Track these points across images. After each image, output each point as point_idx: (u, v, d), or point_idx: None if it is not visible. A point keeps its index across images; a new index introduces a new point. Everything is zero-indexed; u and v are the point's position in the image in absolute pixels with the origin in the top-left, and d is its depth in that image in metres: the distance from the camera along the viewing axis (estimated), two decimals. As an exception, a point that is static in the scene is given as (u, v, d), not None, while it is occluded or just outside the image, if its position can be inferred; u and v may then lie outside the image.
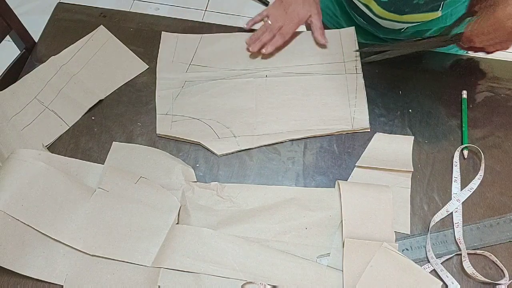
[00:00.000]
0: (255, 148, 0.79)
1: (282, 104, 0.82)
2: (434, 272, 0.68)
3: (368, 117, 0.81)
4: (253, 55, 0.88)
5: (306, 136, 0.80)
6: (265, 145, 0.79)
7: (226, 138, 0.80)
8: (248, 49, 0.87)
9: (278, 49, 0.88)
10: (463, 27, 0.76)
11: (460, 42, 0.78)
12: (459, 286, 0.67)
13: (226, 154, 0.79)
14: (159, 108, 0.83)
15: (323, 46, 0.88)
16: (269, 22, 0.87)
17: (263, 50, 0.86)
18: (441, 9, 0.79)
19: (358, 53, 0.86)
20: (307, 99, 0.83)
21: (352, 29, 0.90)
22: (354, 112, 0.81)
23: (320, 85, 0.84)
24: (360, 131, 0.80)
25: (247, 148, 0.79)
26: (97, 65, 0.87)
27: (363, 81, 0.84)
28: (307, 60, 0.87)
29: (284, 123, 0.81)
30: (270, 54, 0.88)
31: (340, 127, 0.80)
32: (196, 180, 0.76)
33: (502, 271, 0.68)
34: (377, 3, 0.81)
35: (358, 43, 0.88)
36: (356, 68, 0.85)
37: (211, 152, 0.79)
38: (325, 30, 0.92)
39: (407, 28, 0.88)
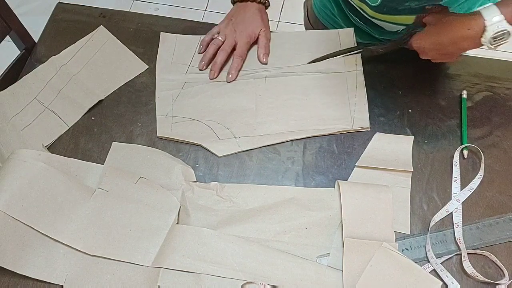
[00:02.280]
0: (255, 148, 0.79)
1: (282, 104, 0.82)
2: (434, 272, 0.68)
3: (368, 116, 0.81)
4: (253, 56, 0.88)
5: (306, 136, 0.80)
6: (265, 146, 0.79)
7: (226, 139, 0.80)
8: (209, 76, 0.86)
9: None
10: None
11: (407, 46, 0.80)
12: (459, 286, 0.67)
13: (227, 156, 0.79)
14: (159, 109, 0.83)
15: (264, 63, 0.87)
16: (220, 38, 0.87)
17: (229, 77, 0.85)
18: None
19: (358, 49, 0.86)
20: (306, 99, 0.83)
21: (351, 30, 0.90)
22: (354, 112, 0.81)
23: (320, 84, 0.84)
24: (360, 130, 0.80)
25: (247, 149, 0.79)
26: (97, 65, 0.87)
27: (363, 78, 0.84)
28: (306, 60, 0.87)
29: (284, 123, 0.81)
30: (270, 54, 0.88)
31: (340, 126, 0.80)
32: (195, 180, 0.76)
33: (502, 271, 0.69)
34: (368, 6, 0.81)
35: (356, 43, 0.88)
36: (356, 64, 0.85)
37: (212, 153, 0.79)
38: (324, 31, 0.92)
39: (402, 30, 0.87)
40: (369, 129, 0.80)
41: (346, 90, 0.83)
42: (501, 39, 0.67)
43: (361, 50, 0.86)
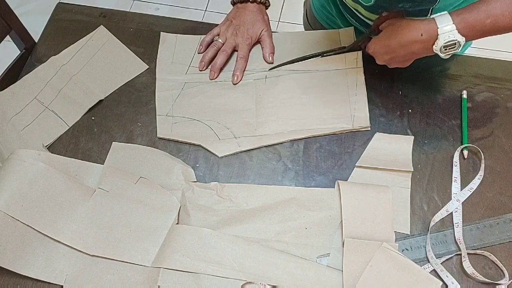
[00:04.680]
0: (255, 148, 0.79)
1: (282, 103, 0.82)
2: (434, 272, 0.68)
3: (368, 115, 0.81)
4: (252, 57, 0.88)
5: (306, 136, 0.80)
6: (265, 146, 0.79)
7: (227, 139, 0.80)
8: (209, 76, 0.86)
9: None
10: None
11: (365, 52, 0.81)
12: (459, 286, 0.67)
13: (227, 156, 0.79)
14: (159, 109, 0.83)
15: (270, 62, 0.87)
16: (220, 40, 0.87)
17: (235, 79, 0.85)
18: (430, 14, 0.79)
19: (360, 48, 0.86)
20: (306, 97, 0.83)
21: (351, 29, 0.90)
22: (355, 110, 0.81)
23: (320, 83, 0.84)
24: (360, 129, 0.80)
25: (248, 149, 0.79)
26: (97, 65, 0.87)
27: (364, 77, 0.83)
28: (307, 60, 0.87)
29: (284, 123, 0.81)
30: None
31: (340, 126, 0.80)
32: (196, 180, 0.76)
33: (502, 271, 0.69)
34: (363, 7, 0.81)
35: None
36: (357, 62, 0.85)
37: (212, 153, 0.79)
38: (325, 31, 0.92)
39: None
40: (369, 128, 0.80)
41: (347, 88, 0.83)
42: (451, 48, 0.68)
43: (319, 55, 0.86)
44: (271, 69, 0.86)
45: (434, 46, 0.69)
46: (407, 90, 0.85)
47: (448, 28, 0.67)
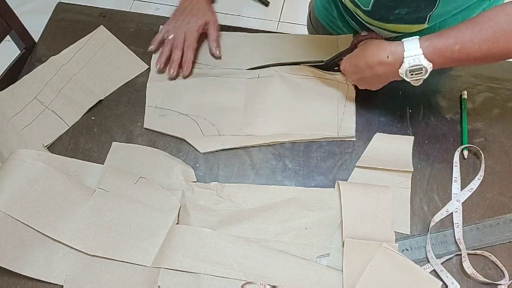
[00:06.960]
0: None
1: (271, 105, 0.82)
2: (434, 272, 0.68)
3: (354, 125, 0.80)
4: (249, 55, 0.88)
5: (291, 140, 0.79)
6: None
7: (210, 136, 0.79)
8: (169, 77, 0.85)
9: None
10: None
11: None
12: (459, 286, 0.67)
13: (210, 152, 0.78)
14: (148, 100, 0.83)
15: (218, 57, 0.87)
16: (170, 38, 0.87)
17: (184, 73, 0.85)
18: (428, 21, 0.79)
19: None
20: (295, 102, 0.82)
21: (350, 37, 0.89)
22: (341, 120, 0.80)
23: (311, 88, 0.83)
24: (345, 139, 0.80)
25: (230, 147, 0.78)
26: (97, 65, 0.87)
27: (355, 93, 0.82)
28: (305, 64, 0.86)
29: (271, 125, 0.80)
30: (267, 54, 0.88)
31: (326, 133, 0.79)
32: (196, 180, 0.76)
33: (502, 271, 0.69)
34: (362, 11, 0.81)
35: None
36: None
37: (195, 149, 0.78)
38: (323, 36, 0.92)
39: (395, 37, 0.86)
40: (354, 139, 0.79)
41: (336, 96, 0.82)
42: (418, 73, 0.68)
43: (297, 64, 0.85)
44: (248, 69, 0.86)
45: (400, 70, 0.68)
46: (407, 90, 0.85)
47: (414, 52, 0.66)
